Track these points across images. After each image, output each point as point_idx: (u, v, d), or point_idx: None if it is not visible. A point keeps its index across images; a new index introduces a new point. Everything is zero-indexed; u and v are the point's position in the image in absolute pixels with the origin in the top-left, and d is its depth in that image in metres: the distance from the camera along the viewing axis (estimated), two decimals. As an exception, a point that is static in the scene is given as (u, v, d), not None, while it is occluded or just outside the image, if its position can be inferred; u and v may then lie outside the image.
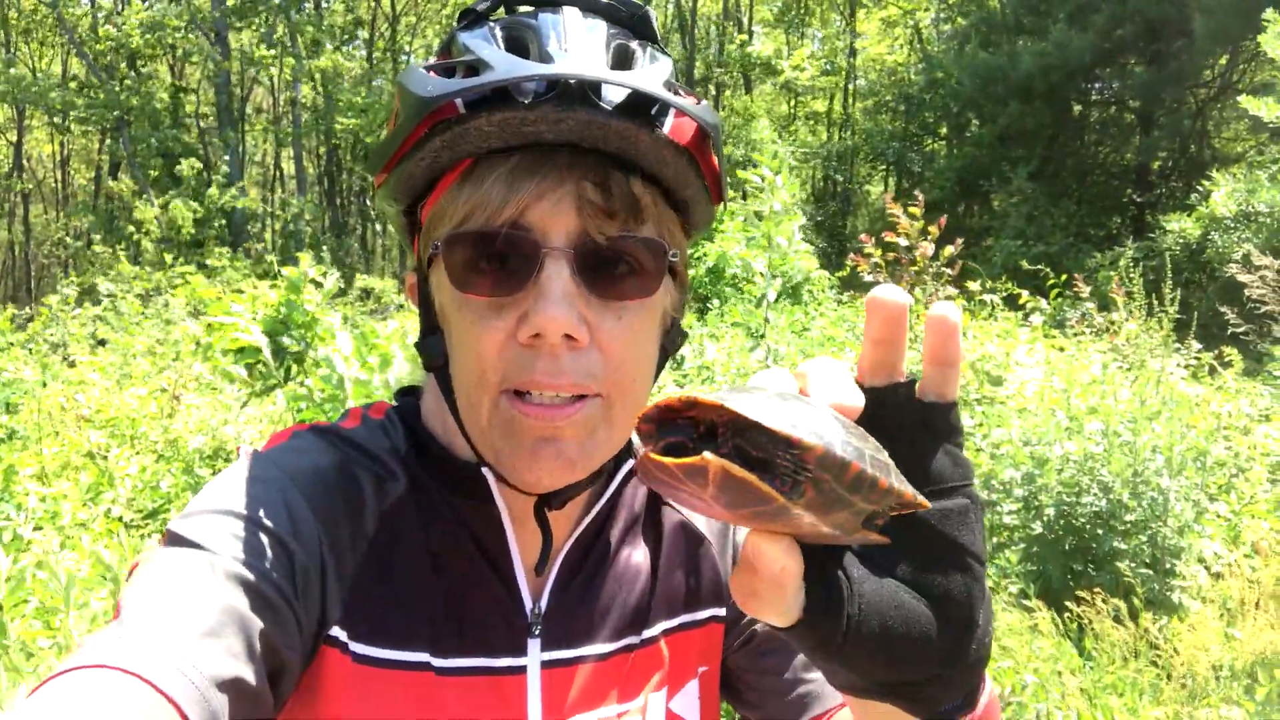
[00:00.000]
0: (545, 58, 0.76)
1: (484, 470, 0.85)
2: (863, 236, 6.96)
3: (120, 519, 4.40)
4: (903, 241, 6.62)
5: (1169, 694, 3.11)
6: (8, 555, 2.89)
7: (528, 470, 0.79)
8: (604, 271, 0.79)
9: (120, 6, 21.64)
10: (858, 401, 0.55)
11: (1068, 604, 3.67)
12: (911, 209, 6.70)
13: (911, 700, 0.60)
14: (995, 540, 4.30)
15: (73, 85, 22.59)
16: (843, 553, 0.58)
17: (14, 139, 30.40)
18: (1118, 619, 3.47)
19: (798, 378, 0.57)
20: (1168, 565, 3.77)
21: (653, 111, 0.77)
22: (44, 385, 5.48)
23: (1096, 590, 3.60)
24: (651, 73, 0.78)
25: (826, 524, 0.51)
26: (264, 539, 0.77)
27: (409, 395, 0.98)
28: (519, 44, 0.78)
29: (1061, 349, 6.27)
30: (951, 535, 0.59)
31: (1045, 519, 4.08)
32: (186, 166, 18.41)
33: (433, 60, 0.83)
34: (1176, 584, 3.71)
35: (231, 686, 0.66)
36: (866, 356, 0.60)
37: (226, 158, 20.68)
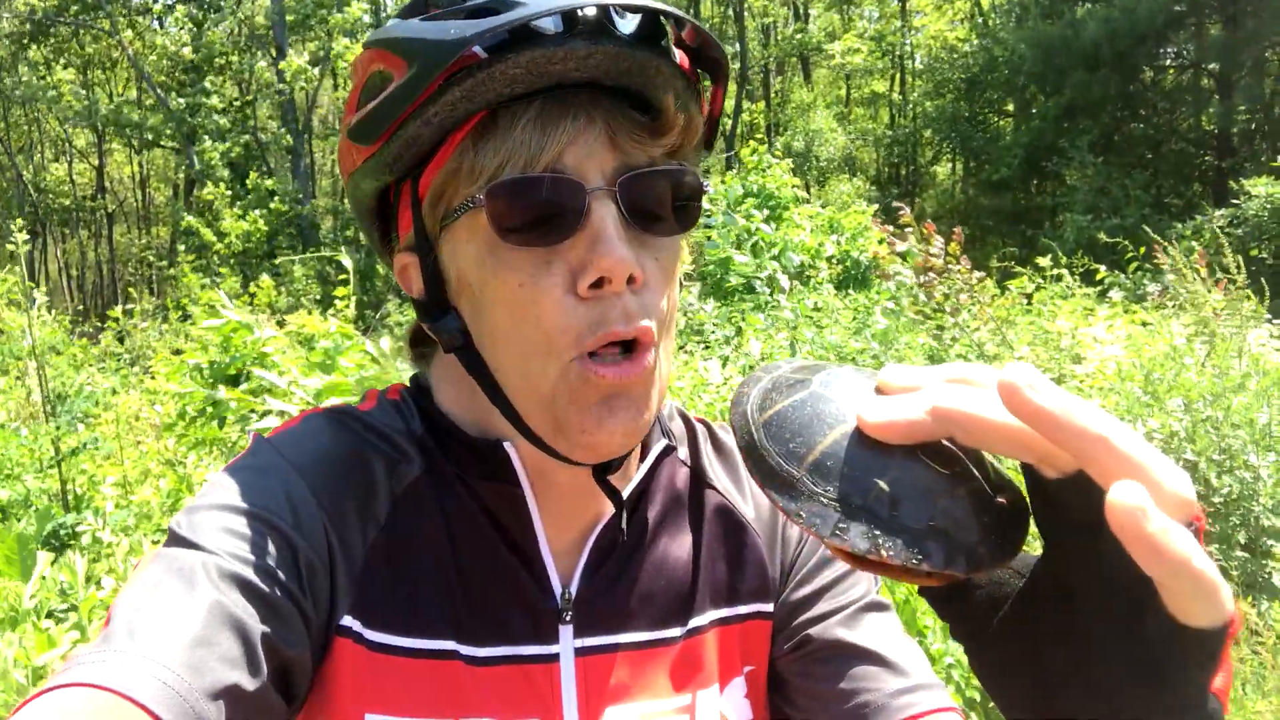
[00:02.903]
0: None
1: (506, 445, 0.81)
2: (878, 254, 7.00)
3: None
4: (902, 247, 6.64)
5: (1273, 684, 2.94)
6: (87, 560, 2.96)
7: (599, 429, 0.75)
8: (647, 207, 0.75)
9: (188, 27, 22.30)
10: (897, 417, 0.47)
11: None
12: (904, 219, 6.71)
13: None
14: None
15: (147, 106, 23.48)
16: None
17: (96, 163, 31.69)
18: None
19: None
20: (1265, 546, 3.56)
21: (662, 42, 0.75)
22: (114, 393, 5.67)
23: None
24: None
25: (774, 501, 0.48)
26: (265, 534, 0.74)
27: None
28: None
29: (1144, 324, 6.02)
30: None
31: (1130, 501, 3.89)
32: (239, 184, 18.91)
33: (406, 11, 0.78)
34: (1275, 566, 3.51)
35: (227, 694, 0.63)
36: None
37: (290, 167, 21.23)
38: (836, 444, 0.47)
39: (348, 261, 4.58)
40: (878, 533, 0.45)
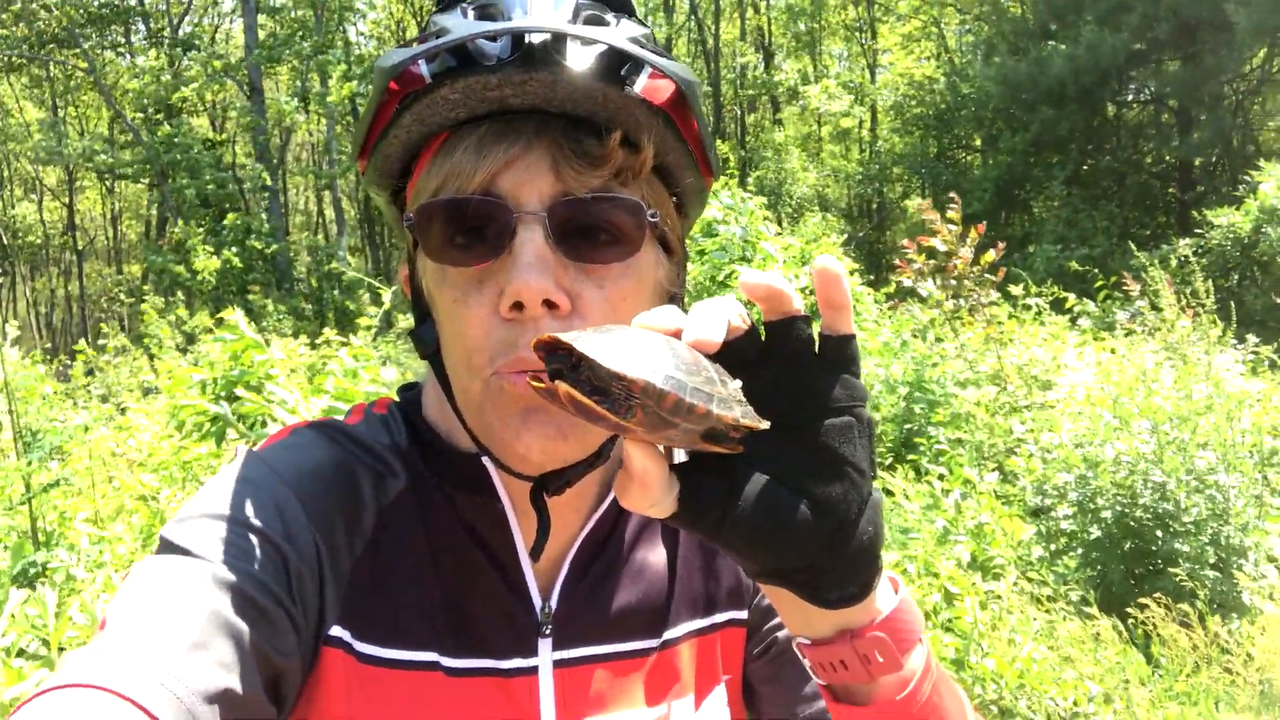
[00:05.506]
0: (505, 19, 0.75)
1: (485, 460, 0.82)
2: (905, 242, 6.93)
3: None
4: (941, 247, 6.59)
5: (1244, 701, 2.97)
6: (60, 596, 2.92)
7: (516, 440, 0.75)
8: (580, 235, 0.76)
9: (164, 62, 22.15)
10: (714, 337, 0.60)
11: (1131, 610, 3.54)
12: (950, 214, 6.67)
13: (798, 585, 0.64)
14: (1053, 547, 4.17)
15: (119, 141, 23.28)
16: (726, 458, 0.62)
17: (66, 200, 31.42)
18: (1184, 623, 3.33)
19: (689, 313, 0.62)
20: (1234, 565, 3.61)
21: (623, 70, 0.76)
22: (86, 430, 5.61)
23: (1157, 596, 3.46)
24: (619, 30, 0.77)
25: (659, 438, 0.59)
26: (255, 542, 0.75)
27: (412, 389, 0.95)
28: (487, 16, 0.77)
29: (1112, 350, 6.12)
30: (834, 447, 0.62)
31: (1102, 522, 3.94)
32: (224, 221, 18.84)
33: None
34: (1244, 585, 3.56)
35: (221, 698, 0.64)
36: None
37: (266, 204, 21.11)
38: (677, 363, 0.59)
39: (389, 296, 4.62)
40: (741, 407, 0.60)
